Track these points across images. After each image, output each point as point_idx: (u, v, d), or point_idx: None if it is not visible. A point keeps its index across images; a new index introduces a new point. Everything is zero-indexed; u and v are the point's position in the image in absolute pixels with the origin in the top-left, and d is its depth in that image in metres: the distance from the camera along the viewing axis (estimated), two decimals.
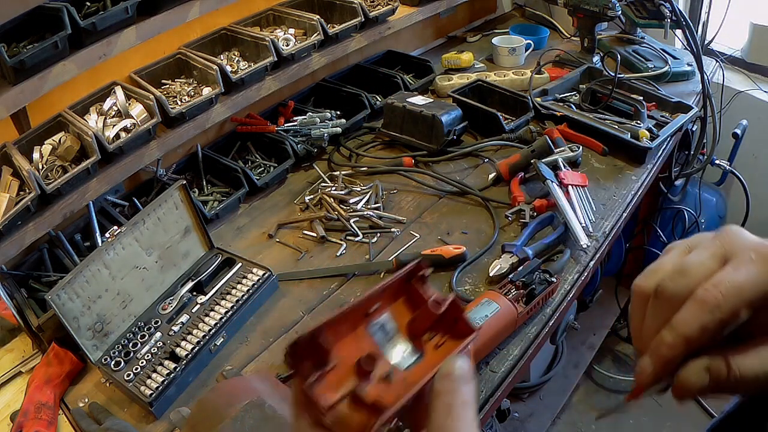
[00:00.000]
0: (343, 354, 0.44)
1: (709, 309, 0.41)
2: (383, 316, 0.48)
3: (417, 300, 0.49)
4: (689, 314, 0.42)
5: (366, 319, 0.47)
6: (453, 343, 0.48)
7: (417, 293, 0.49)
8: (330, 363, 0.43)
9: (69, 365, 1.13)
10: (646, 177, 1.58)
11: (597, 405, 2.41)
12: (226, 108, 1.60)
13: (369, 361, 0.43)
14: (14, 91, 1.23)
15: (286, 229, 1.48)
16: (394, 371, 0.45)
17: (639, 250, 2.54)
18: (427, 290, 0.49)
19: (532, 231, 1.35)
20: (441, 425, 0.40)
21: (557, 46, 2.27)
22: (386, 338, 0.47)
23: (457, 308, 0.48)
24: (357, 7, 1.81)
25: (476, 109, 1.75)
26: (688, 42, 1.84)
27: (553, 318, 1.19)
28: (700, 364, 0.42)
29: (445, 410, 0.40)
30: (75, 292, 1.07)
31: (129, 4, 1.36)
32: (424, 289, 0.49)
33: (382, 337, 0.47)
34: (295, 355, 0.42)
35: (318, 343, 0.42)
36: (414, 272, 0.49)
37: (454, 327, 0.48)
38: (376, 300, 0.47)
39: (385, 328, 0.48)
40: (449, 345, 0.48)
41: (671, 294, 0.43)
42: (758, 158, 2.45)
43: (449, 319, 0.48)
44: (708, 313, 0.41)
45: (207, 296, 1.24)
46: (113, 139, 1.37)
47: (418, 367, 0.46)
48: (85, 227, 1.40)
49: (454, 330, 0.48)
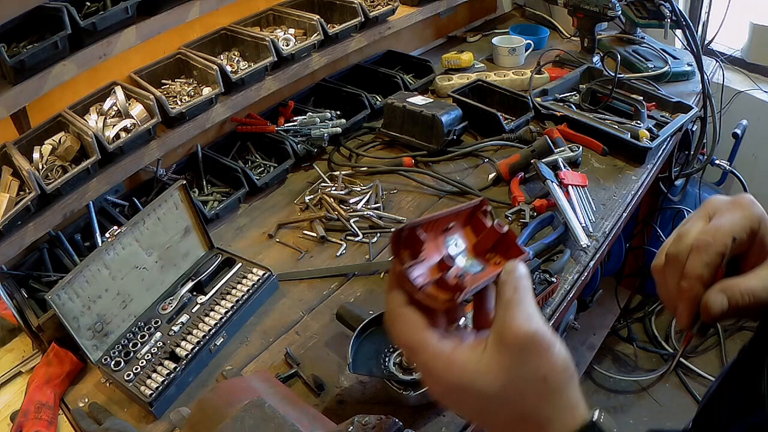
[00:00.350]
0: (429, 253, 0.54)
1: (705, 249, 0.54)
2: (457, 233, 0.59)
3: (480, 228, 0.60)
4: (693, 260, 0.54)
5: (444, 233, 0.57)
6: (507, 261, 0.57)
7: (481, 223, 0.60)
8: (421, 255, 0.53)
9: (69, 365, 1.13)
10: (646, 177, 1.58)
11: (597, 405, 2.40)
12: (226, 108, 1.60)
13: (450, 258, 0.53)
14: (14, 91, 1.23)
15: (286, 229, 1.48)
16: (465, 274, 0.55)
17: (639, 250, 2.54)
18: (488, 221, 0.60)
19: (532, 231, 1.35)
20: (509, 298, 0.49)
21: (557, 46, 2.27)
22: (458, 251, 0.58)
23: (511, 235, 0.58)
24: (357, 7, 1.81)
25: (476, 109, 1.75)
26: (688, 42, 1.84)
27: (553, 318, 1.19)
28: (715, 289, 0.53)
29: (511, 289, 0.50)
30: (75, 292, 1.07)
31: (129, 4, 1.36)
32: (486, 220, 0.60)
33: (455, 250, 0.58)
34: (397, 242, 0.51)
35: (415, 235, 0.52)
36: (478, 207, 0.60)
37: (509, 251, 0.58)
38: (452, 219, 0.58)
39: (458, 243, 0.59)
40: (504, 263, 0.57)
41: (676, 255, 0.56)
42: (758, 158, 2.45)
43: (505, 244, 0.58)
44: (705, 253, 0.54)
45: (207, 296, 1.24)
46: (113, 139, 1.37)
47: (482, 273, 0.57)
48: (85, 227, 1.40)
49: (508, 253, 0.58)
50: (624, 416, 2.36)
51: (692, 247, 0.55)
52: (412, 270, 0.51)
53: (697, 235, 0.55)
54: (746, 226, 0.54)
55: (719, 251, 0.53)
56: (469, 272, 0.56)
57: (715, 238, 0.54)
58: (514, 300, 0.49)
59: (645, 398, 2.41)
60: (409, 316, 0.51)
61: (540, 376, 0.46)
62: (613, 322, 2.55)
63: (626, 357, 2.57)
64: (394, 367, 0.99)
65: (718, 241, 0.53)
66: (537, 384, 0.47)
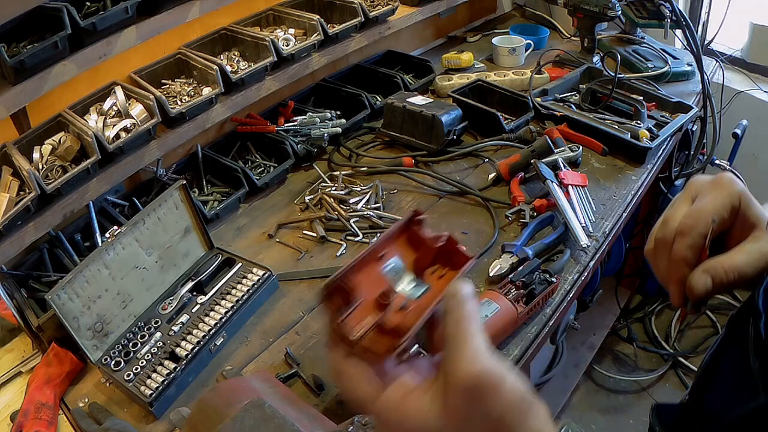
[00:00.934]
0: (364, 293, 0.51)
1: (688, 231, 0.56)
2: (392, 258, 0.55)
3: (418, 242, 0.57)
4: (677, 243, 0.57)
5: (379, 262, 0.54)
6: (453, 272, 0.55)
7: (417, 236, 0.57)
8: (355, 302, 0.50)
9: (69, 365, 1.13)
10: (646, 177, 1.58)
11: (597, 405, 2.41)
12: (226, 108, 1.60)
13: (386, 295, 0.51)
14: (14, 91, 1.23)
15: (286, 229, 1.48)
16: (408, 302, 0.53)
17: (639, 250, 2.53)
18: (426, 232, 0.57)
19: (532, 231, 1.35)
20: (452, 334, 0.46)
21: (557, 46, 2.27)
22: (397, 276, 0.55)
23: (452, 242, 0.56)
24: (357, 7, 1.81)
25: (476, 109, 1.75)
26: (688, 42, 1.84)
27: (553, 318, 1.18)
28: (699, 270, 0.55)
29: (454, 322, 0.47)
30: (75, 292, 1.07)
31: (129, 4, 1.36)
32: (423, 232, 0.56)
33: (394, 276, 0.55)
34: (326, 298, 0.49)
35: (343, 286, 0.49)
36: (412, 219, 0.57)
37: (452, 259, 0.56)
38: (383, 247, 0.55)
39: (395, 268, 0.55)
40: (450, 274, 0.56)
41: (662, 239, 0.59)
42: (758, 158, 2.45)
43: (447, 253, 0.56)
44: (688, 236, 0.56)
45: (207, 296, 1.24)
46: (113, 139, 1.37)
47: (427, 296, 0.54)
48: (85, 227, 1.40)
49: (452, 262, 0.56)
50: (624, 416, 2.36)
51: (676, 230, 0.57)
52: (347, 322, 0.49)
53: (681, 219, 0.57)
54: (726, 204, 0.56)
55: (701, 233, 0.56)
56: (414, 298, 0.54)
57: (697, 221, 0.56)
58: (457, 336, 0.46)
59: (645, 398, 2.41)
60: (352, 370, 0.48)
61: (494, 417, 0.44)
62: (613, 322, 2.55)
63: (626, 357, 2.57)
64: None
65: (699, 223, 0.56)
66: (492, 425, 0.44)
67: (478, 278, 1.27)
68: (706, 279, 0.55)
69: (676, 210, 0.59)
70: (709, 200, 0.57)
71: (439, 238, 0.56)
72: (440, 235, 0.56)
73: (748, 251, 0.55)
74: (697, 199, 0.59)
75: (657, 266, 0.60)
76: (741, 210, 0.57)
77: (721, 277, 0.54)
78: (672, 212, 0.60)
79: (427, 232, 0.57)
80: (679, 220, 0.58)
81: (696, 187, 0.60)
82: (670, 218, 0.59)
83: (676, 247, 0.57)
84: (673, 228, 0.58)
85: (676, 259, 0.57)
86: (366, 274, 0.53)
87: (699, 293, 0.55)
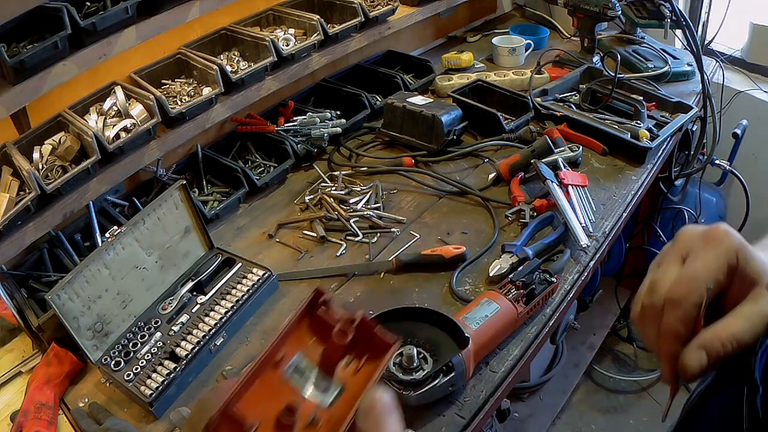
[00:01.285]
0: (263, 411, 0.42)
1: (679, 302, 0.50)
2: (295, 357, 0.46)
3: (326, 329, 0.46)
4: (668, 316, 0.50)
5: (277, 367, 0.45)
6: (371, 364, 0.46)
7: (324, 322, 0.46)
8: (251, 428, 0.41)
9: (69, 365, 1.13)
10: (646, 177, 1.58)
11: (597, 405, 2.41)
12: (226, 108, 1.60)
13: (288, 415, 0.41)
14: (14, 91, 1.23)
15: (286, 229, 1.48)
16: (318, 411, 0.43)
17: (639, 250, 2.54)
18: (333, 315, 0.46)
19: (532, 231, 1.35)
20: None
21: (557, 46, 2.27)
22: (303, 379, 0.45)
23: (367, 326, 0.46)
24: (357, 7, 1.81)
25: (476, 109, 1.75)
26: (688, 42, 1.84)
27: (553, 318, 1.18)
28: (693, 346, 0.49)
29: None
30: (75, 292, 1.07)
31: (129, 4, 1.36)
32: (330, 316, 0.47)
33: (299, 379, 0.45)
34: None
35: (230, 416, 0.40)
36: (314, 302, 0.47)
37: (371, 344, 0.46)
38: (280, 347, 0.45)
39: (299, 369, 0.45)
40: (368, 368, 0.46)
41: (650, 307, 0.52)
42: (758, 158, 2.45)
43: (363, 338, 0.46)
44: (680, 308, 0.50)
45: (207, 296, 1.24)
46: (113, 139, 1.37)
47: (342, 400, 0.44)
48: (85, 227, 1.40)
49: (371, 347, 0.46)
50: (624, 416, 2.36)
51: (665, 300, 0.51)
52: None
53: (670, 285, 0.51)
54: (722, 265, 0.50)
55: (695, 303, 0.49)
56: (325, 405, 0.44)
57: (690, 289, 0.49)
58: None
59: (645, 398, 2.41)
60: None
61: None
62: (613, 322, 2.55)
63: (626, 357, 2.57)
64: (394, 367, 0.99)
65: (692, 292, 0.49)
66: None
67: (478, 278, 1.27)
68: (701, 356, 0.48)
69: (665, 272, 0.52)
70: (702, 262, 0.50)
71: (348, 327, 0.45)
72: (352, 317, 0.46)
73: (748, 315, 0.49)
74: (688, 259, 0.51)
75: (645, 335, 0.54)
76: (739, 267, 0.50)
77: (718, 351, 0.48)
78: (660, 275, 0.52)
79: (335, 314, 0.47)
80: (668, 286, 0.51)
81: (686, 243, 0.53)
82: (659, 282, 0.52)
83: (666, 319, 0.50)
84: (662, 295, 0.51)
85: (666, 334, 0.50)
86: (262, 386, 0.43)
87: (693, 373, 0.48)
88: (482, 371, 1.08)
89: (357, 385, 0.45)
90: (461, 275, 1.28)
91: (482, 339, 1.04)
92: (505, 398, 1.39)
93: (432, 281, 1.28)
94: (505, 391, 1.09)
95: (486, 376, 1.07)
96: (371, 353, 0.46)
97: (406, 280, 1.29)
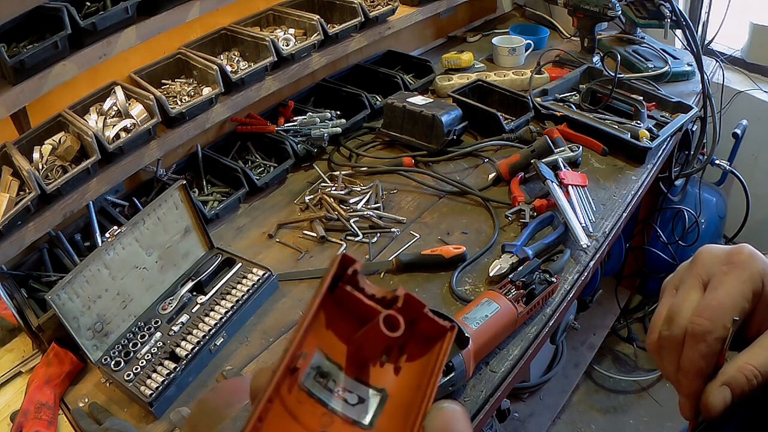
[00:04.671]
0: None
1: (702, 338, 0.45)
2: (315, 356, 0.33)
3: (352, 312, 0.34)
4: (689, 351, 0.46)
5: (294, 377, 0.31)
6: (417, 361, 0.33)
7: (350, 302, 0.34)
8: None
9: (69, 365, 1.13)
10: (646, 177, 1.58)
11: (597, 405, 2.41)
12: (226, 108, 1.60)
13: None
14: (14, 91, 1.23)
15: (286, 229, 1.48)
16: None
17: (639, 250, 2.54)
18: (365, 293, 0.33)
19: (532, 231, 1.35)
20: None
21: (557, 46, 2.27)
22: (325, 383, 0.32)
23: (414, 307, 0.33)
24: (357, 7, 1.81)
25: (476, 109, 1.75)
26: (688, 42, 1.84)
27: (553, 318, 1.18)
28: (716, 383, 0.45)
29: None
30: (75, 292, 1.07)
31: (129, 4, 1.36)
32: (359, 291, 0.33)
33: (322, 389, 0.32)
34: None
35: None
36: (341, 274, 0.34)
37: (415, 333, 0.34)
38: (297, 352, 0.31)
39: (321, 371, 0.33)
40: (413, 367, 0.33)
41: (669, 339, 0.48)
42: (758, 158, 2.45)
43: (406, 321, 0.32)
44: (703, 342, 0.45)
45: (207, 296, 1.24)
46: (113, 139, 1.37)
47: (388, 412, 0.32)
48: (85, 227, 1.40)
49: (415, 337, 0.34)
50: (624, 416, 2.36)
51: (687, 332, 0.47)
52: None
53: (691, 316, 0.47)
54: (747, 293, 0.46)
55: (719, 337, 0.45)
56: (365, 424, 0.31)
57: (714, 322, 0.45)
58: None
59: (645, 398, 2.41)
60: None
61: None
62: (613, 322, 2.55)
63: (626, 357, 2.57)
64: None
65: (717, 325, 0.45)
66: None
67: (478, 278, 1.27)
68: (725, 394, 0.44)
69: (685, 299, 0.48)
70: (726, 290, 0.46)
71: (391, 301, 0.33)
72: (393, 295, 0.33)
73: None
74: (710, 286, 0.47)
75: (663, 367, 0.50)
76: (764, 293, 0.46)
77: (743, 387, 0.44)
78: (680, 302, 0.48)
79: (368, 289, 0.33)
80: (689, 317, 0.47)
81: (707, 266, 0.48)
82: (678, 311, 0.48)
83: (687, 353, 0.46)
84: (683, 326, 0.47)
85: (686, 371, 0.47)
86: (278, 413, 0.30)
87: (716, 412, 0.45)
88: (482, 371, 1.08)
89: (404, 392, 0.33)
90: (461, 275, 1.28)
91: (482, 339, 1.04)
92: (505, 398, 1.39)
93: (432, 281, 1.28)
94: (505, 391, 1.09)
95: (486, 376, 1.07)
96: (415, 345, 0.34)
97: (406, 280, 1.29)
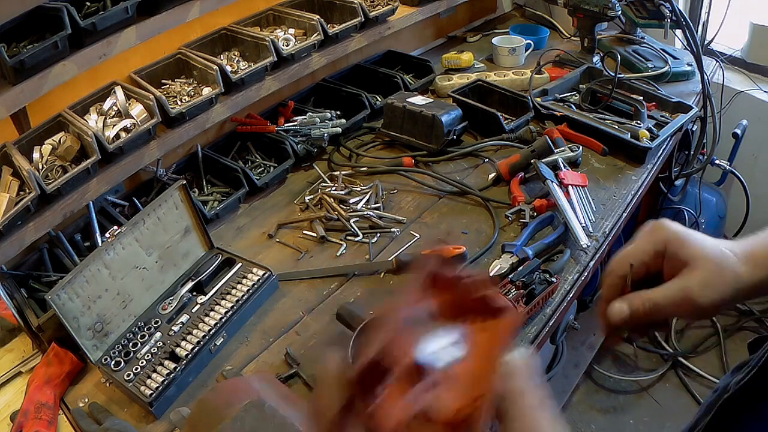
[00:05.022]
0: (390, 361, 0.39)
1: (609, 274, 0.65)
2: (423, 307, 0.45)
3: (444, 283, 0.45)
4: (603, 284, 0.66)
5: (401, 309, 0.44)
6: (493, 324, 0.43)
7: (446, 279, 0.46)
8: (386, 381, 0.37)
9: (69, 365, 1.13)
10: (646, 177, 1.58)
11: (597, 405, 2.41)
12: (226, 108, 1.60)
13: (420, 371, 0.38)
14: (14, 91, 1.23)
15: (286, 229, 1.48)
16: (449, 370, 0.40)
17: None
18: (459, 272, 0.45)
19: (532, 231, 1.35)
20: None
21: (557, 46, 2.27)
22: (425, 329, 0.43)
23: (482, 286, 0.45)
24: (357, 7, 1.81)
25: (476, 109, 1.75)
26: (688, 42, 1.84)
27: (553, 318, 1.19)
28: (617, 300, 0.63)
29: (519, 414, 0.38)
30: (75, 292, 1.07)
31: (129, 4, 1.36)
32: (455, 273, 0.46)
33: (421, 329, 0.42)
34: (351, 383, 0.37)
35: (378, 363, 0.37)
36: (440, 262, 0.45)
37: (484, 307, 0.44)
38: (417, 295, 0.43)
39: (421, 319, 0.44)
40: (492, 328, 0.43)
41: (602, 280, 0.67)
42: (758, 158, 2.45)
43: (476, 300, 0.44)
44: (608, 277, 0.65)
45: (207, 296, 1.24)
46: (113, 139, 1.37)
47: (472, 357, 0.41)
48: (85, 227, 1.40)
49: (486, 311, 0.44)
50: (624, 416, 2.35)
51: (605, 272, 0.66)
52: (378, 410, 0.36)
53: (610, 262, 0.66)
54: (648, 250, 0.63)
55: (620, 274, 0.64)
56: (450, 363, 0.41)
57: (616, 265, 0.65)
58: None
59: (645, 398, 2.41)
60: None
61: None
62: None
63: (626, 357, 2.57)
64: None
65: (617, 267, 0.64)
66: None
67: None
68: (622, 306, 0.62)
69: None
70: (630, 247, 0.65)
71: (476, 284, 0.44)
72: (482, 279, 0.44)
73: (668, 287, 0.60)
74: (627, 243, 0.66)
75: None
76: (668, 253, 0.62)
77: (638, 306, 0.61)
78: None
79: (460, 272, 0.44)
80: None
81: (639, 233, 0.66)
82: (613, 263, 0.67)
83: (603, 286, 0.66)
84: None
85: (602, 297, 0.66)
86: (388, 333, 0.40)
87: (614, 320, 0.62)
88: None
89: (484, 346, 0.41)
90: None
91: None
92: None
93: None
94: None
95: None
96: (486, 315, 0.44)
97: (406, 280, 1.29)
